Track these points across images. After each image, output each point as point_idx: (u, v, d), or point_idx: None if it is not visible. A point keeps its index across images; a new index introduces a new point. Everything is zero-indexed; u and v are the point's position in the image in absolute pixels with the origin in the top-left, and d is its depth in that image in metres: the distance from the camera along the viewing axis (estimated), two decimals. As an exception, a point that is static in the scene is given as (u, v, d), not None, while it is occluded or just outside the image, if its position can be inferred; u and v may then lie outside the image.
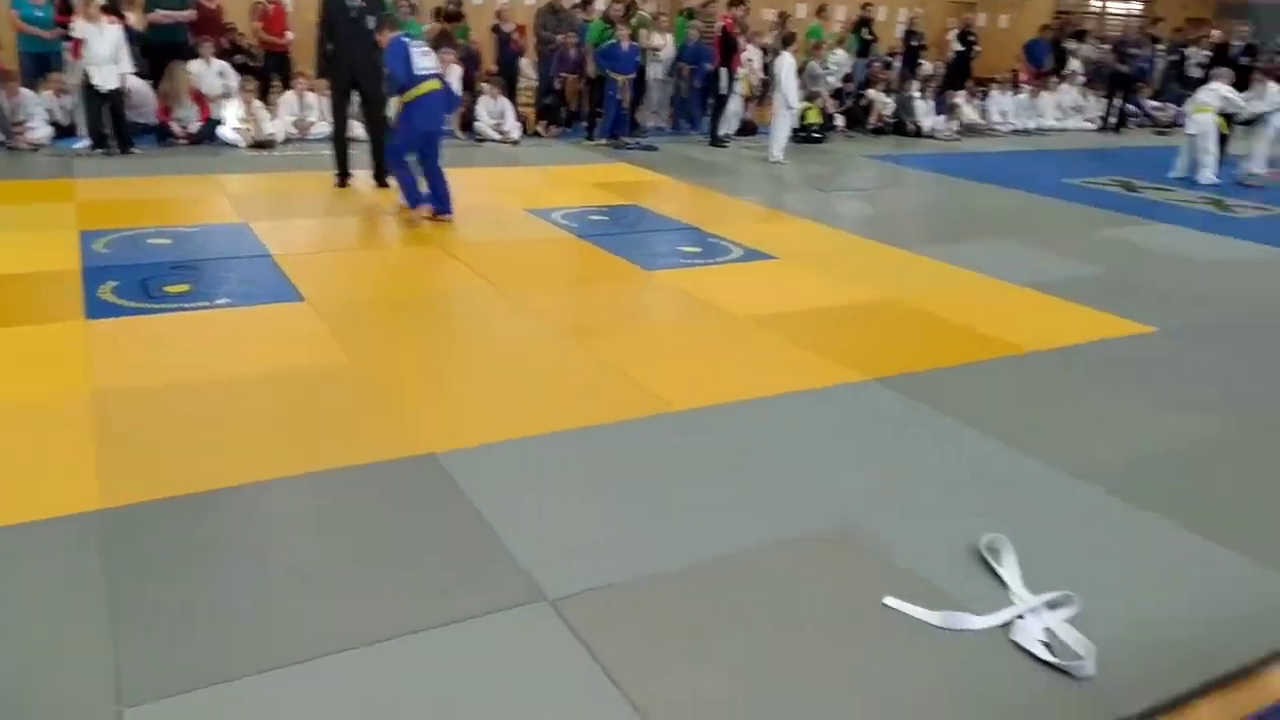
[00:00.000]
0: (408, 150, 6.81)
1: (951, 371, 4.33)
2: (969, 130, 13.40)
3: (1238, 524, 3.09)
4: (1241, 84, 10.74)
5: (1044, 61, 15.44)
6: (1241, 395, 4.25)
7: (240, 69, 10.67)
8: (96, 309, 4.59)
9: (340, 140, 7.89)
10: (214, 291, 4.98)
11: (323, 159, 8.42)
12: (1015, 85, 14.66)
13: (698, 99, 12.33)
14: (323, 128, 10.27)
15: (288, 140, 9.87)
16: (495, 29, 11.71)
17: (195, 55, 10.00)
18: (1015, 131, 13.94)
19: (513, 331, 4.69)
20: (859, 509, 3.07)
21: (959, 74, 14.76)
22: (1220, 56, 12.43)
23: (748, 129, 12.14)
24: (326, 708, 2.13)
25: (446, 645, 2.35)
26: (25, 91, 9.19)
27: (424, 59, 6.67)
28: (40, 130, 8.98)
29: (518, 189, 8.16)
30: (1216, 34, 13.95)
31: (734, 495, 3.15)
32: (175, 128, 9.44)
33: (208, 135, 9.55)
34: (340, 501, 3.01)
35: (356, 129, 8.23)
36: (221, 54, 10.43)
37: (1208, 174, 10.00)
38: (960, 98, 13.60)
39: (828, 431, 3.68)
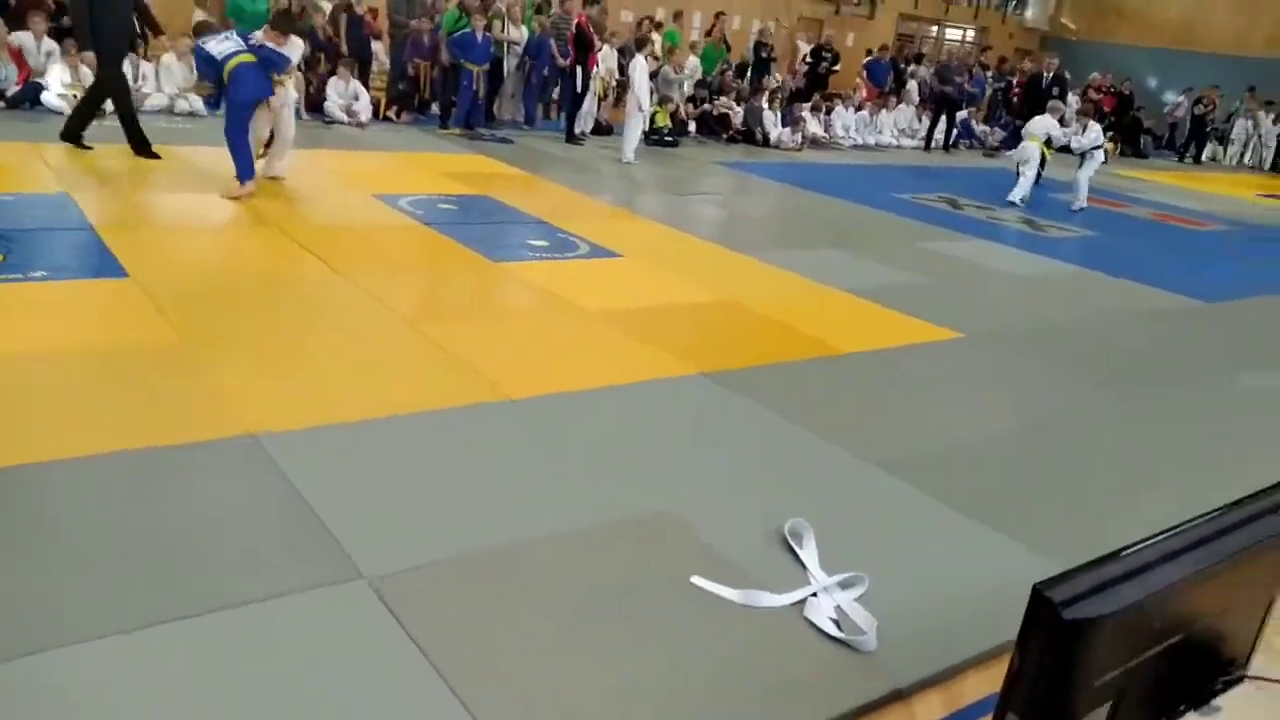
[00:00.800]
0: (240, 124, 6.64)
1: (774, 368, 4.57)
2: (814, 143, 13.99)
3: (1015, 513, 3.41)
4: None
5: (884, 81, 16.28)
6: (1033, 397, 4.67)
7: (67, 31, 10.05)
8: (-108, 277, 4.29)
9: (130, 112, 7.64)
10: (29, 264, 4.71)
11: (155, 131, 8.05)
12: (858, 103, 15.40)
13: (534, 93, 12.42)
14: (159, 99, 9.83)
15: (118, 109, 9.36)
16: (347, 9, 11.45)
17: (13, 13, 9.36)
18: (856, 146, 14.66)
19: (350, 316, 4.65)
20: (678, 495, 3.23)
21: (812, 88, 15.38)
22: (1034, 86, 13.56)
23: (603, 129, 12.31)
24: (128, 683, 2.11)
25: (254, 622, 2.35)
26: None
27: (222, 44, 6.68)
28: None
29: (366, 173, 8.04)
30: (1029, 66, 15.21)
31: (561, 480, 3.25)
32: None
33: (29, 99, 8.95)
34: (153, 480, 2.95)
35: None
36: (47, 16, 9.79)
37: (1016, 194, 10.82)
38: (805, 111, 14.18)
39: (656, 421, 3.84)
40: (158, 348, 3.95)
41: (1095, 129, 11.01)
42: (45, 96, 9.01)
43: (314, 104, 10.63)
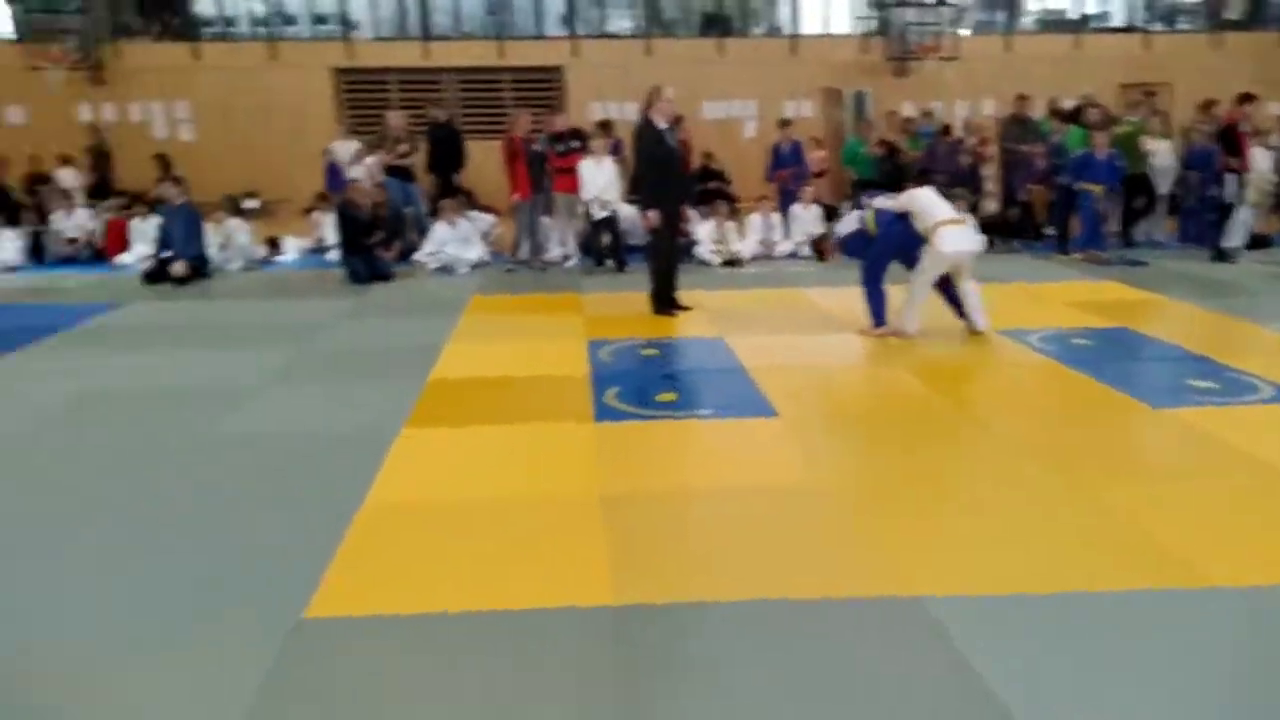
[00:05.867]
0: (882, 268, 6.88)
1: None
2: None
3: None
4: None
5: None
6: None
7: (715, 194, 11.72)
8: (603, 412, 5.09)
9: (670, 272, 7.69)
10: (697, 402, 5.28)
11: (786, 275, 8.74)
12: None
13: (1196, 210, 11.04)
14: (786, 246, 10.75)
15: (754, 258, 10.43)
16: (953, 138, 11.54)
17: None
18: None
19: (995, 467, 4.35)
20: None
21: None
22: None
23: (1260, 242, 10.57)
24: None
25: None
26: (545, 220, 10.80)
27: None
28: (555, 251, 10.48)
29: (986, 307, 7.75)
30: None
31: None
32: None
33: (686, 254, 10.39)
34: (814, 633, 2.92)
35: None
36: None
37: None
38: None
39: None
40: (809, 489, 4.05)
41: None
42: (697, 250, 10.37)
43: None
